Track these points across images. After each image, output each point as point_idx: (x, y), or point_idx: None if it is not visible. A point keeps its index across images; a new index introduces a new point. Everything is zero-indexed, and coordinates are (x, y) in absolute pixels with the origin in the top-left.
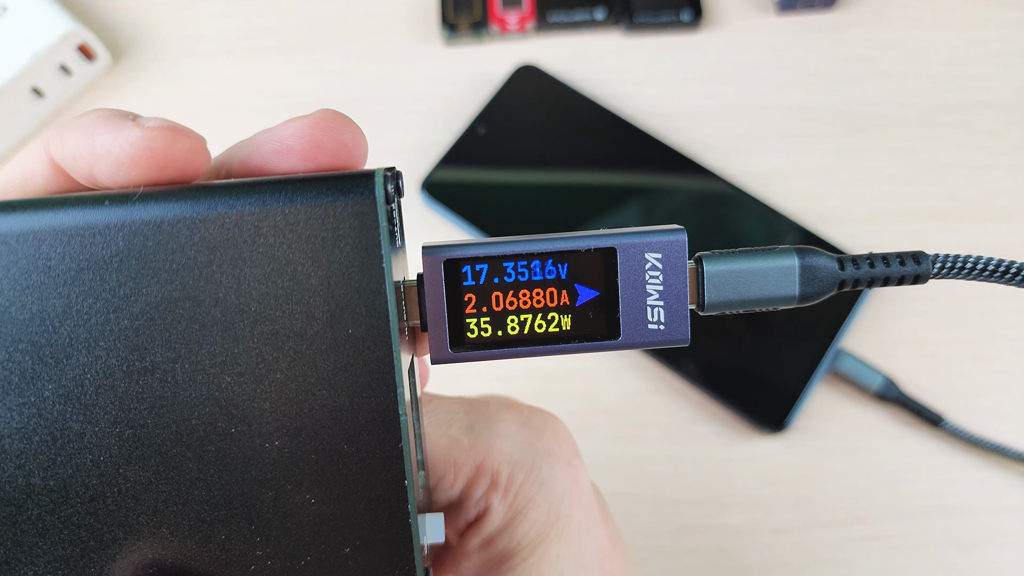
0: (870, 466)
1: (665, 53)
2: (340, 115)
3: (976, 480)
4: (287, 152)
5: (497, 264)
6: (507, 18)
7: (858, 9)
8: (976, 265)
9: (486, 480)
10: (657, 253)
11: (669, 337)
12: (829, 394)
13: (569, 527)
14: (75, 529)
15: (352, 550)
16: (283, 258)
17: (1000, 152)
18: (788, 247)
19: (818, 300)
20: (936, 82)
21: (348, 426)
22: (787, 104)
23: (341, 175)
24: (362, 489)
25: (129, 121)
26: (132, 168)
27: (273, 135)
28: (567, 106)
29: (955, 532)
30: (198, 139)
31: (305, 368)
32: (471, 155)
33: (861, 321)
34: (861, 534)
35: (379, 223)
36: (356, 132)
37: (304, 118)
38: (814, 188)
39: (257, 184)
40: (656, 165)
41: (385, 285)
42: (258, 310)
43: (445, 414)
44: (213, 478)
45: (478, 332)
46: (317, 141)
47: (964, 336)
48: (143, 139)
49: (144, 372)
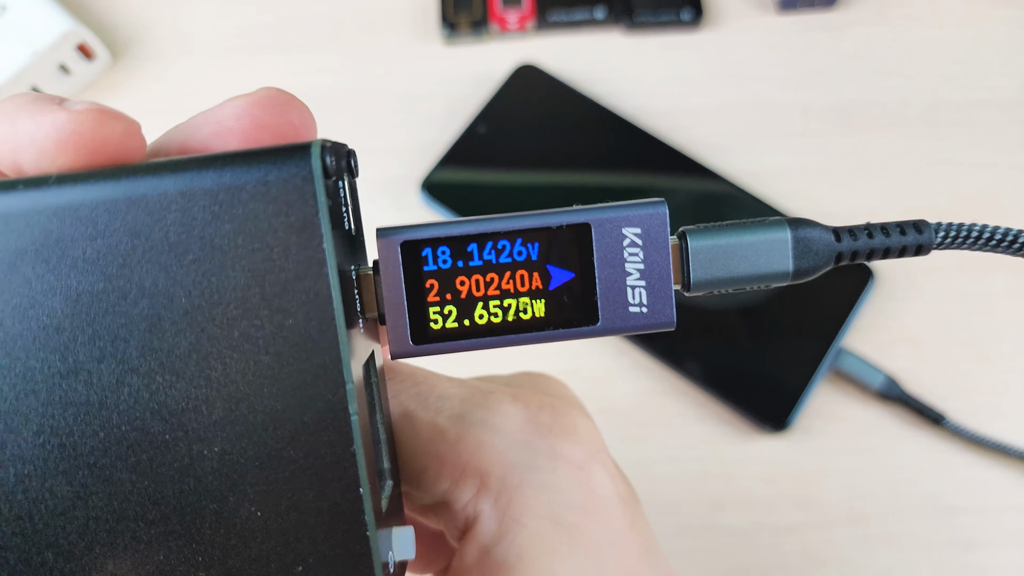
0: (871, 465)
1: (666, 52)
2: (283, 92)
3: (978, 480)
4: (226, 134)
5: (461, 246)
6: (507, 17)
7: (858, 8)
8: (982, 235)
9: (474, 481)
10: (636, 228)
11: (653, 320)
12: (831, 393)
13: (583, 540)
14: (0, 552)
15: (305, 568)
16: (214, 242)
17: (1001, 151)
18: (779, 219)
19: (814, 276)
20: (937, 81)
21: (294, 428)
22: (788, 103)
23: (275, 148)
24: (313, 500)
25: (54, 105)
26: (58, 155)
27: (211, 116)
28: (567, 105)
29: (957, 532)
30: (131, 122)
31: (244, 365)
32: (471, 155)
33: (862, 320)
34: (862, 534)
35: (317, 198)
36: (303, 110)
37: (244, 97)
38: (815, 187)
39: (183, 162)
40: (657, 164)
41: (327, 267)
42: (189, 301)
43: (436, 399)
44: (148, 491)
45: (442, 322)
46: (259, 121)
47: (965, 335)
48: (69, 123)
49: (67, 374)
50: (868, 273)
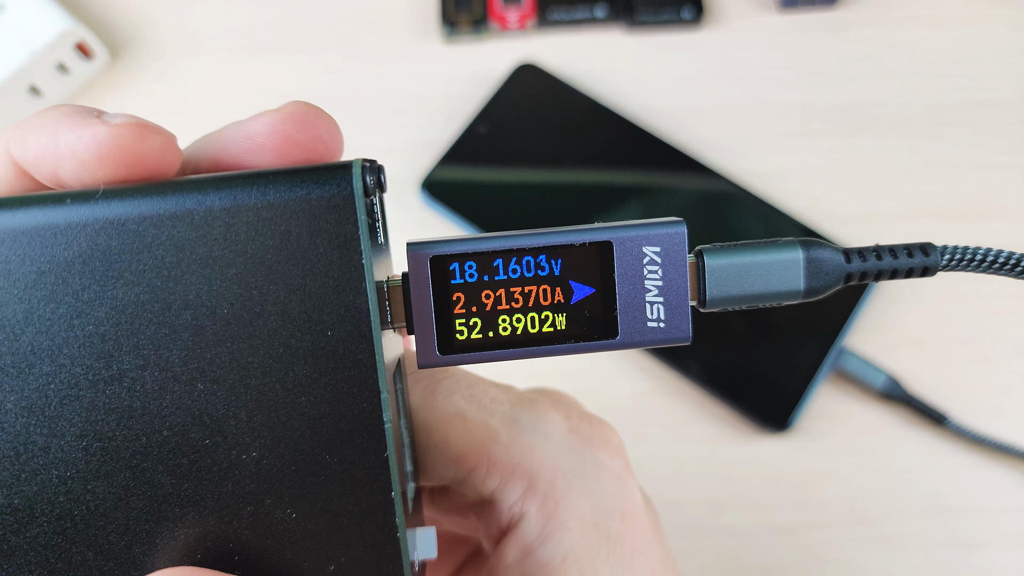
0: (873, 466)
1: (666, 51)
2: (312, 107)
3: (979, 480)
4: (258, 150)
5: (487, 261)
6: (507, 16)
7: (860, 8)
8: (986, 258)
9: (523, 483)
10: (656, 247)
11: (670, 335)
12: (832, 393)
13: (622, 547)
14: (42, 551)
15: (337, 568)
16: (256, 256)
17: (1002, 151)
18: (792, 240)
19: (824, 294)
20: (938, 81)
21: (329, 435)
22: (789, 103)
23: (317, 167)
24: (346, 502)
25: (94, 118)
26: (98, 168)
27: (242, 131)
28: (567, 105)
29: (958, 532)
30: (168, 136)
31: (283, 374)
32: (471, 154)
33: (862, 321)
34: (864, 535)
35: (357, 216)
36: (331, 125)
37: (273, 112)
38: (816, 187)
39: (227, 179)
40: (657, 164)
41: (365, 282)
42: (231, 312)
43: (489, 401)
44: (187, 493)
45: (468, 334)
46: (289, 136)
47: (966, 336)
48: (109, 137)
49: (111, 381)
50: None
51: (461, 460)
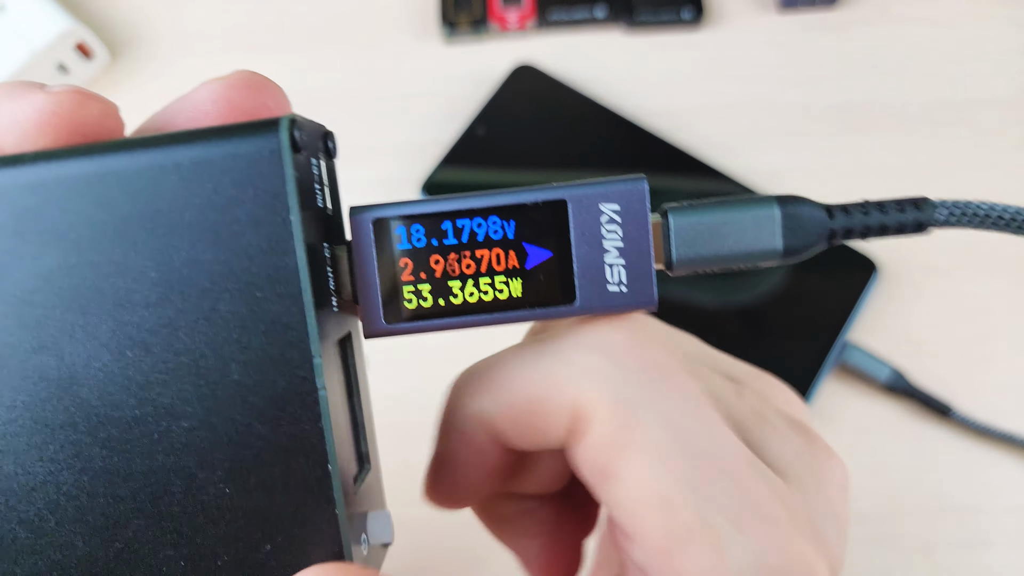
0: (878, 461)
1: (666, 51)
2: (257, 75)
3: (984, 473)
4: (203, 117)
5: (435, 224)
6: (507, 16)
7: (860, 7)
8: (987, 213)
9: None
10: (614, 204)
11: (633, 300)
12: (837, 387)
13: None
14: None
15: (274, 548)
16: (183, 216)
17: (1003, 150)
18: (768, 195)
19: (806, 255)
20: (938, 80)
21: (262, 404)
22: (788, 102)
23: (244, 124)
24: (281, 477)
25: (35, 88)
26: (39, 136)
27: (187, 101)
28: (565, 105)
29: (959, 532)
30: (108, 104)
31: (213, 339)
32: (471, 156)
33: (865, 314)
34: (862, 535)
35: (285, 171)
36: (277, 93)
37: (218, 80)
38: (816, 186)
39: (155, 138)
40: (658, 163)
41: (295, 240)
42: (159, 276)
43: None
44: (118, 467)
45: (416, 302)
46: (233, 103)
47: (967, 336)
48: (48, 104)
49: (39, 349)
50: (871, 266)
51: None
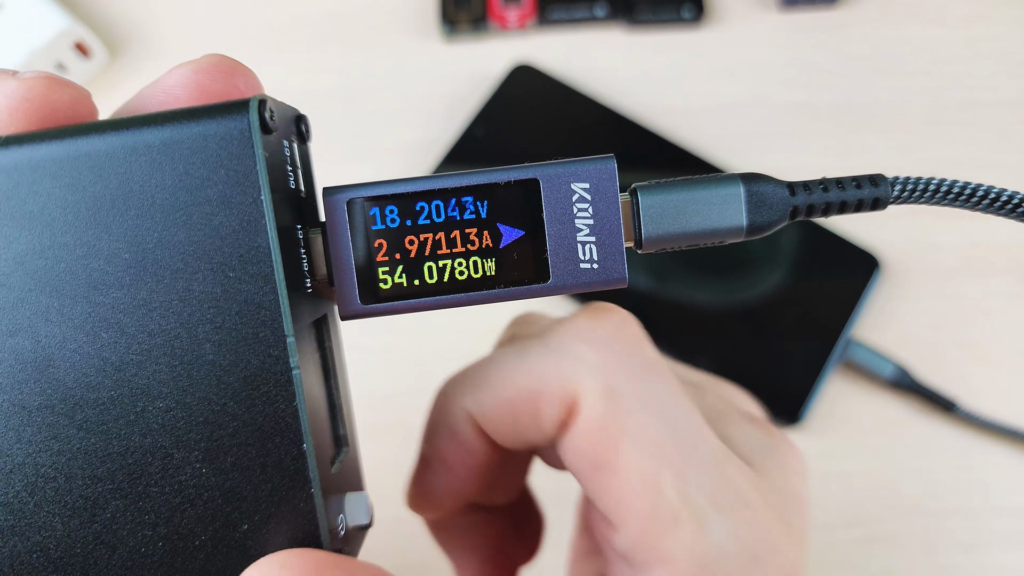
0: (884, 458)
1: (667, 50)
2: (228, 59)
3: (989, 469)
4: (174, 102)
5: (409, 204)
6: (507, 15)
7: (861, 6)
8: (939, 188)
9: None
10: (584, 183)
11: (604, 276)
12: (842, 385)
13: None
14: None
15: (251, 527)
16: (155, 197)
17: (1004, 151)
18: (732, 174)
19: (770, 231)
20: (940, 80)
21: (236, 384)
22: (789, 102)
23: (214, 105)
24: (256, 456)
25: (7, 75)
26: (11, 122)
27: (158, 86)
28: (564, 104)
29: (960, 532)
30: (80, 90)
31: (187, 320)
32: (471, 157)
33: (868, 311)
34: (862, 535)
35: (255, 151)
36: (249, 76)
37: (188, 64)
38: None
39: (125, 121)
40: (658, 162)
41: (265, 220)
42: (132, 257)
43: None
44: (95, 448)
45: (391, 282)
46: (204, 87)
47: (967, 337)
48: (19, 90)
49: (14, 332)
50: (874, 263)
51: (628, 519)
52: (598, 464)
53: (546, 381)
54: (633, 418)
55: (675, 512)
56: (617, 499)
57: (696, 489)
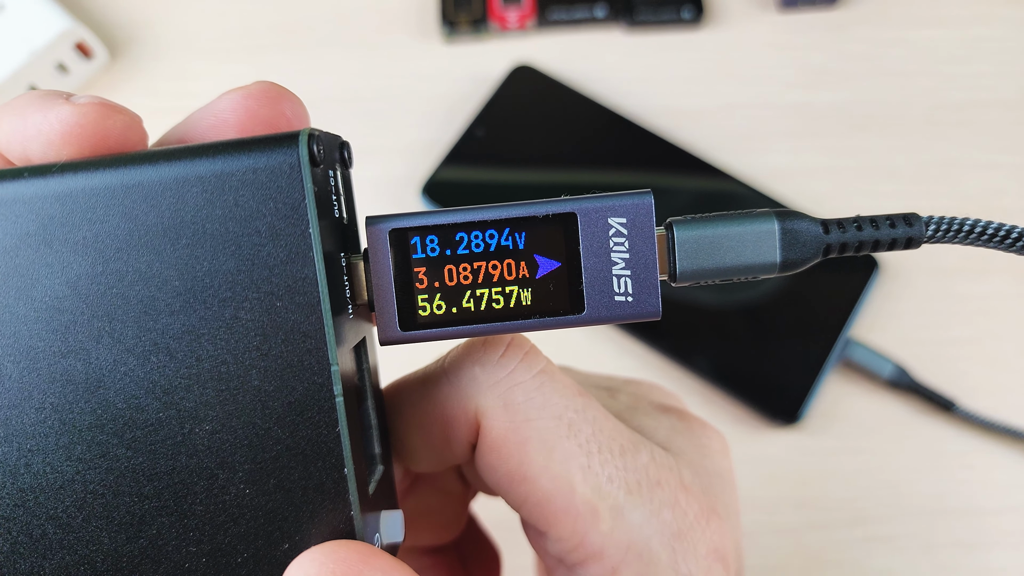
0: (881, 458)
1: (666, 51)
2: (276, 85)
3: (988, 470)
4: (223, 126)
5: (449, 235)
6: (507, 16)
7: (860, 7)
8: (973, 229)
9: (605, 568)
10: (621, 218)
11: (638, 310)
12: (841, 384)
13: None
14: (4, 523)
15: (291, 546)
16: (206, 227)
17: (1004, 151)
18: (767, 210)
19: (802, 268)
20: (939, 80)
21: (281, 409)
22: (789, 102)
23: (265, 137)
24: (299, 479)
25: (61, 99)
26: (63, 146)
27: (209, 110)
28: (564, 105)
29: (960, 532)
30: (132, 116)
31: (234, 345)
32: (471, 157)
33: (865, 318)
34: (863, 535)
35: (304, 184)
36: (295, 103)
37: (239, 90)
38: (816, 187)
39: (178, 151)
40: (658, 163)
41: (313, 252)
42: (182, 284)
43: (605, 481)
44: (142, 467)
45: (430, 309)
46: (253, 112)
47: (967, 336)
48: (73, 116)
49: (67, 354)
50: (873, 263)
51: (552, 522)
52: (512, 476)
53: (448, 408)
54: (532, 424)
55: (591, 506)
56: (537, 505)
57: (607, 481)
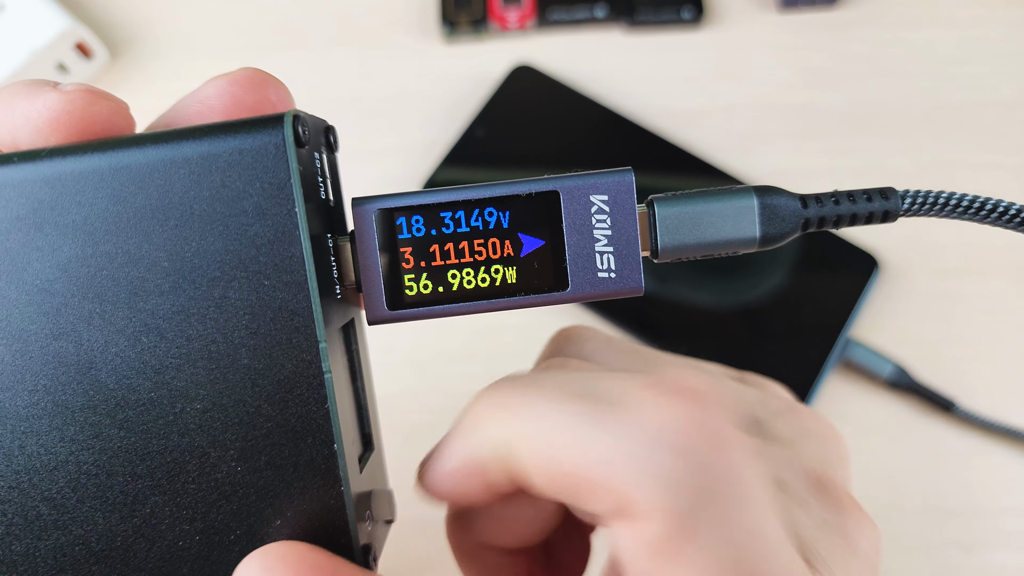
0: (882, 458)
1: (666, 51)
2: (262, 72)
3: (987, 471)
4: (208, 112)
5: (434, 214)
6: (507, 16)
7: (860, 7)
8: (948, 201)
9: None
10: (603, 195)
11: (621, 286)
12: (841, 384)
13: None
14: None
15: (283, 522)
16: (193, 208)
17: (1004, 151)
18: (746, 186)
19: (782, 242)
20: (939, 81)
21: (270, 386)
22: (789, 103)
23: (250, 120)
24: (289, 456)
25: (48, 87)
26: (51, 133)
27: (194, 97)
28: (564, 105)
29: (960, 532)
30: (119, 103)
31: (223, 325)
32: (471, 157)
33: (865, 318)
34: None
35: (289, 164)
36: (280, 88)
37: (223, 76)
38: (816, 187)
39: (165, 134)
40: (658, 163)
41: (299, 231)
42: (171, 265)
43: None
44: (135, 446)
45: (417, 289)
46: (239, 98)
47: (966, 336)
48: (60, 103)
49: (59, 336)
50: (873, 263)
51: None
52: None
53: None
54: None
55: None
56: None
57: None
